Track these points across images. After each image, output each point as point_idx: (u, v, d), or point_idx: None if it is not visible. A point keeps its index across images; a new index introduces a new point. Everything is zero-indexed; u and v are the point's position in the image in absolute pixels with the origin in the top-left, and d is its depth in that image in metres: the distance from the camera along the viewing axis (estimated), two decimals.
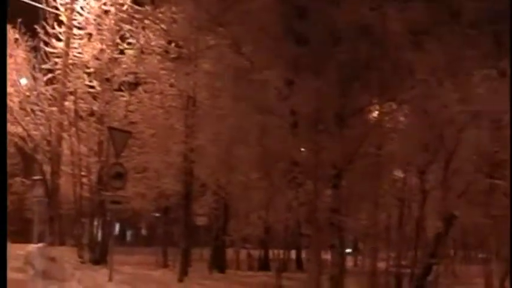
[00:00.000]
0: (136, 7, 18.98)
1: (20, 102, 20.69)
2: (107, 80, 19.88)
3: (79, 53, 20.17)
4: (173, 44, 18.62)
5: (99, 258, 18.45)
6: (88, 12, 20.06)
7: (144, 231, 46.20)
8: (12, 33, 20.05)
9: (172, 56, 18.63)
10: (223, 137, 14.08)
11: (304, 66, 11.83)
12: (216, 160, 15.14)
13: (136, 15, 19.04)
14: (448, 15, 12.90)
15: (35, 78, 20.93)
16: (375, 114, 13.59)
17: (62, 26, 20.42)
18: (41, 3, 20.27)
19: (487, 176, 14.06)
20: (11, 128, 19.08)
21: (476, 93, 12.80)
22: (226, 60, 12.80)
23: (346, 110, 12.13)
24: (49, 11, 20.33)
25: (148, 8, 18.67)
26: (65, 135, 20.80)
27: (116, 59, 19.88)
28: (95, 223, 20.64)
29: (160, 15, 18.43)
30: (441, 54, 12.06)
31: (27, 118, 20.73)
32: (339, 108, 12.00)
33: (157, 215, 26.81)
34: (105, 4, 19.89)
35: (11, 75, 18.89)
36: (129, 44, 19.60)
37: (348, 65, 11.89)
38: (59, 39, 20.40)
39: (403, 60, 12.00)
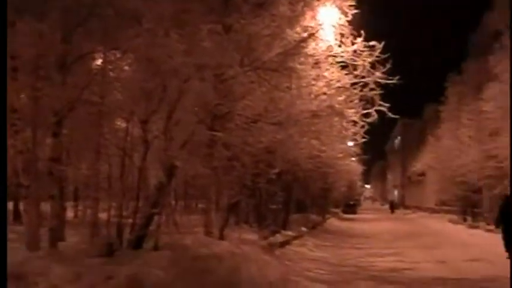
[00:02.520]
0: None
1: None
2: None
3: None
4: None
5: None
6: None
7: None
8: None
9: None
10: None
11: (26, 8, 11.87)
12: None
13: None
14: None
15: None
16: (99, 62, 14.07)
17: None
18: None
19: (208, 128, 15.57)
20: None
21: (201, 46, 13.87)
22: None
23: (68, 56, 12.51)
24: None
25: None
26: None
27: None
28: None
29: None
30: (168, 5, 12.94)
31: None
32: (61, 54, 12.36)
33: None
34: None
35: None
36: None
37: (72, 9, 12.26)
38: None
39: (129, 7, 12.47)
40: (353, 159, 42.53)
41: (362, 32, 17.31)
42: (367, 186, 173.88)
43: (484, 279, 16.09)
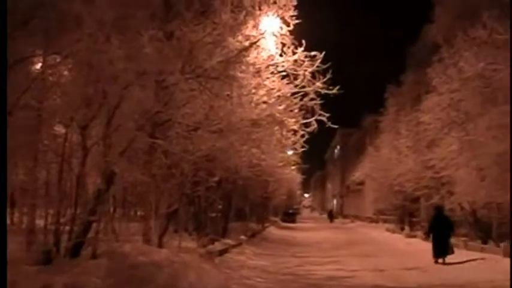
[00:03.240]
0: None
1: None
2: None
3: None
4: None
5: None
6: None
7: None
8: None
9: None
10: None
11: None
12: None
13: None
14: None
15: None
16: (38, 66, 13.94)
17: None
18: None
19: (148, 135, 15.56)
20: None
21: (142, 53, 13.85)
22: None
23: (7, 60, 12.41)
24: None
25: None
26: None
27: None
28: None
29: None
30: (109, 10, 12.95)
31: None
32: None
33: None
34: None
35: None
36: None
37: (13, 12, 12.16)
38: None
39: (71, 12, 12.51)
40: (293, 168, 42.88)
41: (303, 42, 17.62)
42: (306, 195, 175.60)
43: (420, 286, 16.55)
